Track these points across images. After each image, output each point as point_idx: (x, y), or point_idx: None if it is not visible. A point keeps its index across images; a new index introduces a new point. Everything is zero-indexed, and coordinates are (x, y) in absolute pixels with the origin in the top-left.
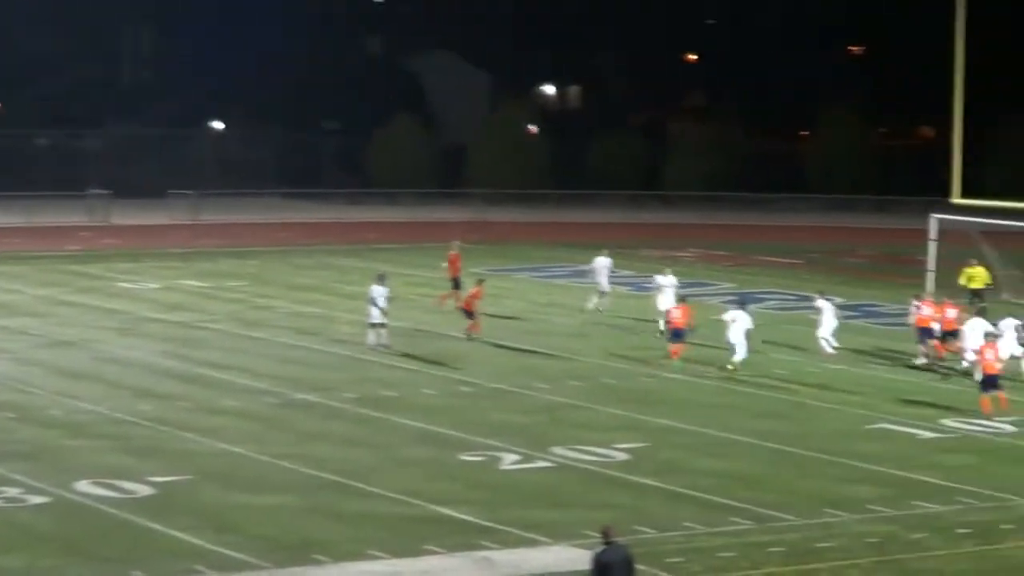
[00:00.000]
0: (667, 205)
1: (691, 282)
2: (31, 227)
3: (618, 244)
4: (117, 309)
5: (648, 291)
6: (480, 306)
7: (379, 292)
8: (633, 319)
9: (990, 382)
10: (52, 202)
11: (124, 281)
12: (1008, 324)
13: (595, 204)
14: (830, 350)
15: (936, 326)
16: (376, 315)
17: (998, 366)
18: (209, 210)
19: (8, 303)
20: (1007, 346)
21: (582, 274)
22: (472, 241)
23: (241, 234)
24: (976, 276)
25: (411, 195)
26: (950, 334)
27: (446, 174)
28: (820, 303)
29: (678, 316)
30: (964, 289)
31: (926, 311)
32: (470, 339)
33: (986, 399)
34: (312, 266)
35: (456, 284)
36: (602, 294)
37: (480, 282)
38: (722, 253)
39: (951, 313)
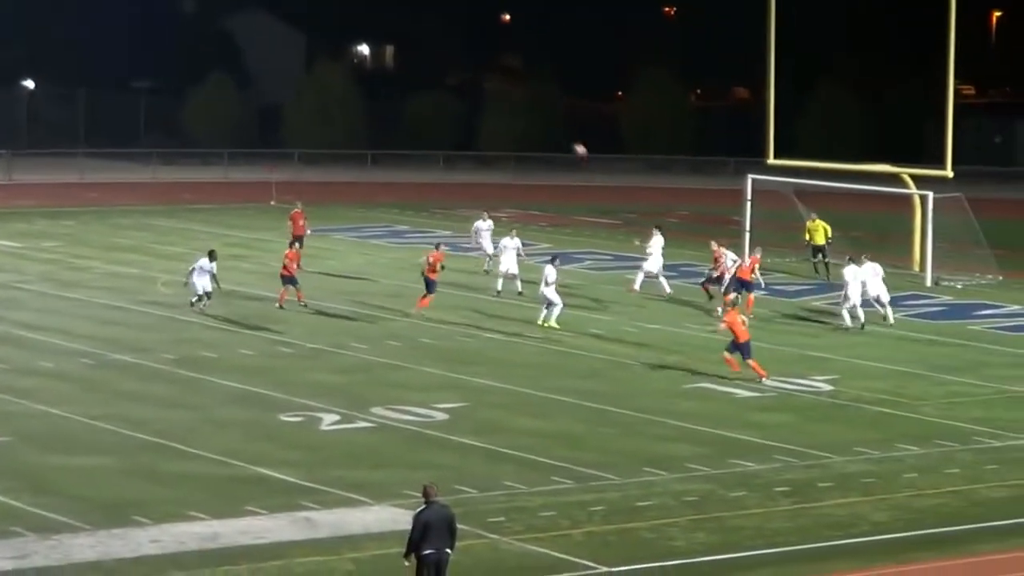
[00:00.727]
0: (483, 165)
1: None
2: None
3: (434, 204)
4: None
5: (465, 251)
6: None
7: (208, 267)
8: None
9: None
10: None
11: None
12: (869, 269)
13: (411, 164)
14: (637, 287)
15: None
16: (200, 288)
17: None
18: (22, 170)
19: None
20: (876, 289)
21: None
22: (288, 201)
23: (55, 194)
24: (817, 231)
25: (227, 155)
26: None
27: (262, 134)
28: (655, 239)
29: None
30: (807, 244)
31: (745, 264)
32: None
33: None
34: (129, 226)
35: (298, 243)
36: (488, 257)
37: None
38: (539, 213)
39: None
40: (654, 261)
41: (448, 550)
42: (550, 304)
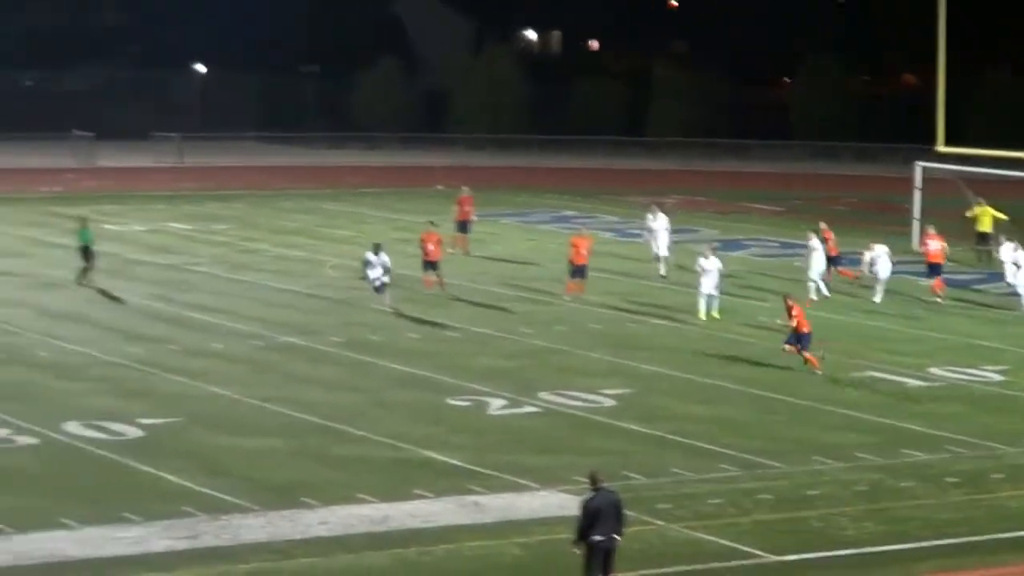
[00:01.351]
0: (650, 151)
1: (675, 228)
2: (14, 169)
3: (601, 190)
4: (103, 251)
5: (631, 238)
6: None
7: (375, 260)
8: (620, 266)
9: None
10: (36, 143)
11: (110, 223)
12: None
13: (577, 150)
14: (814, 296)
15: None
16: (377, 276)
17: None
18: (193, 153)
19: None
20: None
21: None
22: (454, 186)
23: (225, 177)
24: (983, 217)
25: (393, 139)
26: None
27: (428, 119)
28: (813, 243)
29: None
30: (973, 231)
31: (933, 246)
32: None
33: None
34: (296, 210)
35: (463, 228)
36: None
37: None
38: (705, 199)
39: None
40: (817, 266)
41: (617, 536)
42: (710, 296)
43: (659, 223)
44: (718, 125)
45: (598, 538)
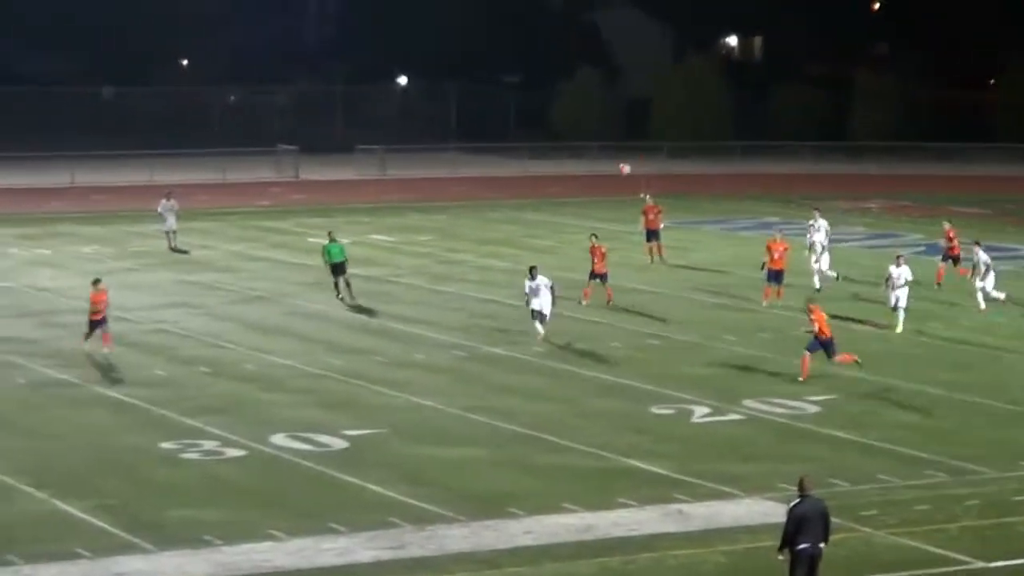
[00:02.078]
0: (852, 156)
1: (879, 233)
2: (221, 183)
3: (803, 196)
4: (308, 264)
5: (833, 244)
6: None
7: (534, 285)
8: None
9: None
10: (241, 158)
11: (314, 236)
12: None
13: (779, 155)
14: (983, 305)
15: None
16: (540, 304)
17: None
18: (395, 165)
19: (201, 259)
20: None
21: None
22: (656, 194)
23: (427, 188)
24: None
25: (595, 148)
26: None
27: (629, 127)
28: (979, 254)
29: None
30: None
31: None
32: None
33: None
34: (499, 220)
35: (652, 236)
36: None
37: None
38: (909, 204)
39: None
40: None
41: (822, 544)
42: (895, 307)
43: (820, 224)
44: (921, 128)
45: (803, 545)
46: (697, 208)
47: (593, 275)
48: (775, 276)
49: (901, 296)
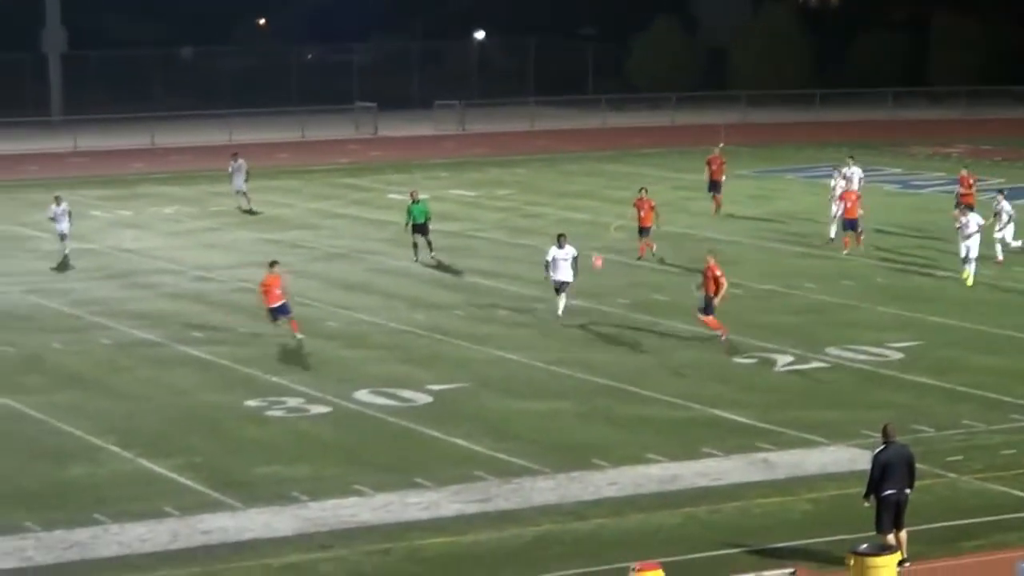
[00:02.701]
0: (933, 102)
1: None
2: (301, 142)
3: (884, 142)
4: (388, 220)
5: (915, 190)
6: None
7: (560, 254)
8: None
9: None
10: (320, 116)
11: (394, 192)
12: None
13: (859, 102)
14: (1001, 256)
15: None
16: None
17: None
18: (473, 120)
19: (282, 217)
20: None
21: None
22: (736, 143)
23: (506, 143)
24: None
25: (673, 99)
26: None
27: (708, 77)
28: (1002, 204)
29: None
30: None
31: None
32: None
33: None
34: (578, 173)
35: (714, 187)
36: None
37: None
38: (991, 148)
39: None
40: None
41: (907, 490)
42: (966, 258)
43: (854, 173)
44: (1004, 72)
45: (889, 491)
46: (777, 157)
47: (642, 230)
48: (850, 224)
49: (972, 246)
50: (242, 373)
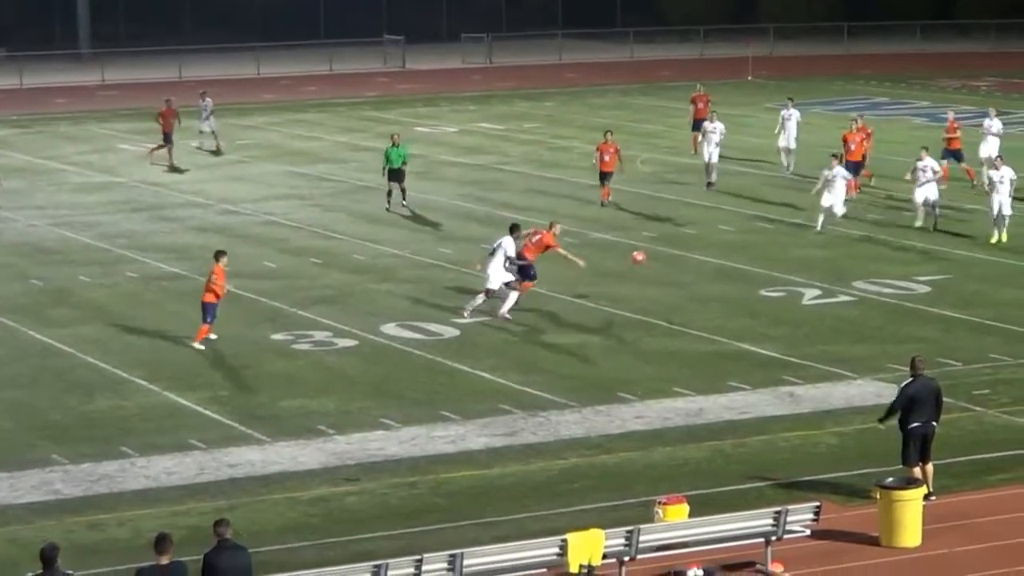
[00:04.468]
0: (962, 34)
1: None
2: (328, 75)
3: (913, 75)
4: (415, 153)
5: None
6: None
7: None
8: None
9: None
10: (347, 49)
11: (421, 126)
12: None
13: (888, 35)
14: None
15: None
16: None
17: None
18: (501, 53)
19: (309, 150)
20: None
21: None
22: (764, 76)
23: (535, 76)
24: None
25: (702, 32)
26: None
27: (737, 10)
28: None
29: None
30: None
31: None
32: (602, 205)
33: None
34: (607, 106)
35: (697, 127)
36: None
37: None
38: (1021, 81)
39: None
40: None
41: (934, 423)
42: (1000, 216)
43: (791, 112)
44: None
45: (915, 424)
46: (808, 90)
47: (603, 175)
48: (853, 168)
49: (1004, 203)
50: (268, 307)
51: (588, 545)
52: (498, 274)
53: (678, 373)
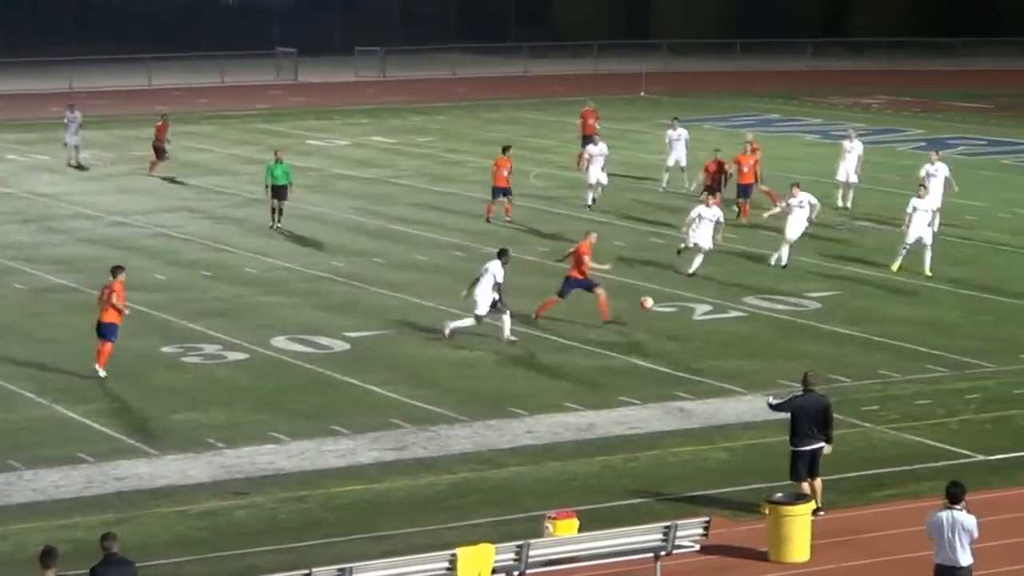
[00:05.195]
0: (853, 52)
1: (881, 129)
2: (221, 86)
3: (805, 92)
4: (308, 167)
5: (835, 140)
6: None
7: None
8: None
9: None
10: (240, 61)
11: (314, 139)
12: None
13: (780, 52)
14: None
15: None
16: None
17: None
18: (395, 66)
19: (200, 162)
20: None
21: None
22: (657, 92)
23: (428, 90)
24: None
25: (595, 47)
26: None
27: (630, 25)
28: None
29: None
30: None
31: None
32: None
33: None
34: (500, 120)
35: (588, 142)
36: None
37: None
38: (910, 99)
39: None
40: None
41: (821, 445)
42: (921, 242)
43: (679, 132)
44: (923, 23)
45: (801, 448)
46: (697, 106)
47: (497, 190)
48: (743, 191)
49: (925, 233)
50: (158, 319)
51: (478, 560)
52: (486, 299)
53: (569, 388)
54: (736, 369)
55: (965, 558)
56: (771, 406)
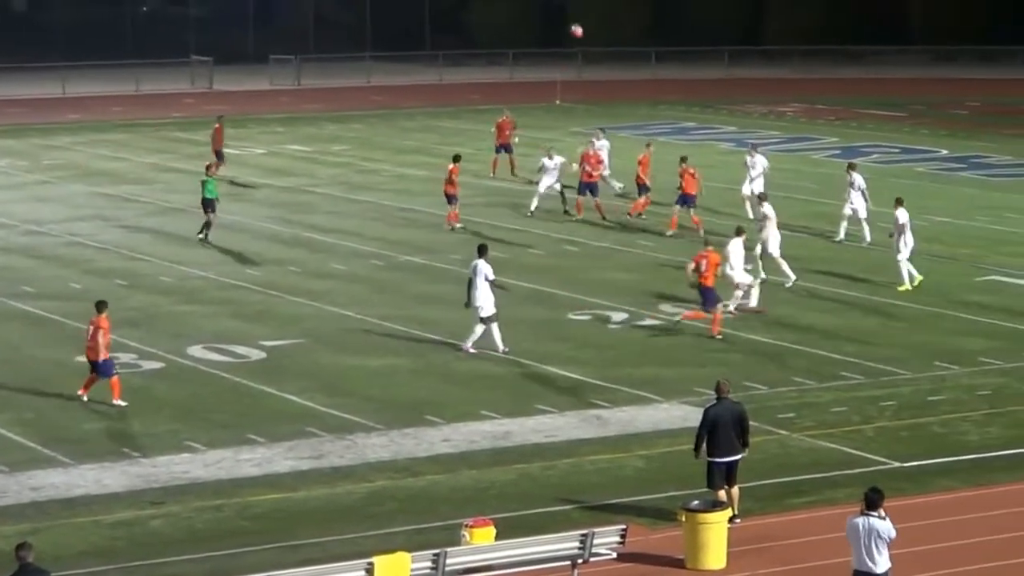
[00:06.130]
0: (768, 60)
1: (795, 137)
2: (135, 95)
3: (719, 100)
4: (223, 175)
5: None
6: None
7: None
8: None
9: None
10: (155, 70)
11: (228, 147)
12: None
13: (695, 60)
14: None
15: None
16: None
17: None
18: (310, 75)
19: (115, 171)
20: None
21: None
22: (572, 100)
23: (343, 98)
24: None
25: (511, 55)
26: None
27: (545, 33)
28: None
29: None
30: None
31: None
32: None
33: None
34: (415, 129)
35: (506, 149)
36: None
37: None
38: (825, 107)
39: None
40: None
41: (737, 456)
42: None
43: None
44: (837, 32)
45: (718, 459)
46: (615, 114)
47: (449, 197)
48: (684, 200)
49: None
50: (73, 328)
51: (394, 568)
52: (488, 299)
53: (485, 396)
54: (652, 377)
55: (882, 564)
56: (696, 453)
